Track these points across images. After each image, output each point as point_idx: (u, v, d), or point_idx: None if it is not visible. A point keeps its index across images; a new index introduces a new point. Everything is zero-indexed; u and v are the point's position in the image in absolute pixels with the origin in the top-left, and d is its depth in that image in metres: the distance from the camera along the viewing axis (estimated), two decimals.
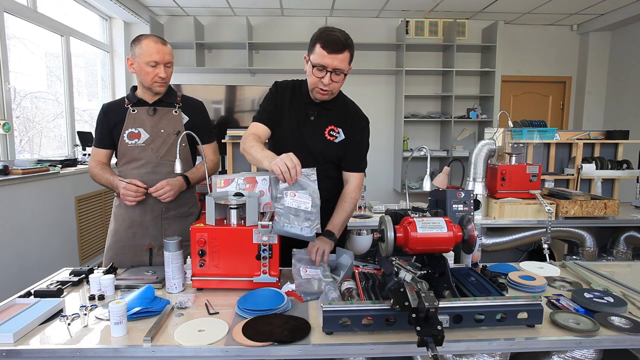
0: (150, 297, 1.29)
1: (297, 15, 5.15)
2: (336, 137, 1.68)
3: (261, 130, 1.67)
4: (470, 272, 1.47)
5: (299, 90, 1.72)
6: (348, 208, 1.67)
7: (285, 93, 1.71)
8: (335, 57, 1.51)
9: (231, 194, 1.52)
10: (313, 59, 1.55)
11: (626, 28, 5.10)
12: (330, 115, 1.69)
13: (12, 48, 3.16)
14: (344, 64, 1.54)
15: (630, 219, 2.70)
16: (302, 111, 1.69)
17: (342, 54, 1.52)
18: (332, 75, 1.54)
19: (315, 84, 1.58)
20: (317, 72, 1.55)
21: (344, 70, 1.55)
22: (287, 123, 1.68)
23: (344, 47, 1.52)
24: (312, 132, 1.67)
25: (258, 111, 1.72)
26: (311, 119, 1.68)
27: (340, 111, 1.71)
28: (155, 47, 1.70)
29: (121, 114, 1.79)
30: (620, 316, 1.22)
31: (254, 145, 1.54)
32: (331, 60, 1.51)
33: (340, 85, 1.62)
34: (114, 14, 4.71)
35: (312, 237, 1.40)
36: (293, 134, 1.67)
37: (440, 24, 5.30)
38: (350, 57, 1.57)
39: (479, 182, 2.70)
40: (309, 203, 1.40)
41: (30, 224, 2.95)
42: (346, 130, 1.69)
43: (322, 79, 1.55)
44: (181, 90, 4.74)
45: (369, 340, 1.11)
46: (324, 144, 1.67)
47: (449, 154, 5.16)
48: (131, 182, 1.68)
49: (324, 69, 1.53)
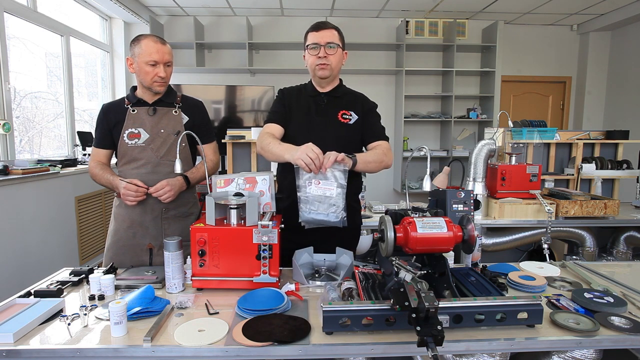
0: (150, 297, 1.29)
1: (297, 15, 5.15)
2: (350, 118, 1.75)
3: (275, 129, 1.73)
4: (470, 272, 1.47)
5: (304, 90, 1.82)
6: (377, 153, 1.69)
7: (292, 94, 1.81)
8: (323, 33, 1.67)
9: (231, 194, 1.52)
10: (307, 42, 1.71)
11: (626, 28, 5.10)
12: (340, 102, 1.77)
13: (12, 48, 3.16)
14: (334, 38, 1.68)
15: (630, 219, 2.70)
16: (311, 102, 1.77)
17: (328, 30, 1.68)
18: (325, 49, 1.67)
19: (314, 62, 1.69)
20: (313, 51, 1.69)
21: (336, 43, 1.68)
22: (298, 116, 1.75)
23: (330, 26, 1.70)
24: (325, 118, 1.74)
25: (268, 115, 1.80)
26: (322, 106, 1.75)
27: (349, 98, 1.80)
28: (155, 47, 1.70)
29: (121, 114, 1.79)
30: (620, 316, 1.22)
31: (271, 142, 1.63)
32: (321, 37, 1.67)
33: (338, 60, 1.71)
34: (114, 14, 4.71)
35: (338, 222, 1.47)
36: (306, 124, 1.73)
37: (440, 24, 5.30)
38: (340, 36, 1.71)
39: (479, 182, 2.70)
40: (333, 189, 1.47)
41: (30, 224, 2.95)
42: (358, 112, 1.76)
43: (318, 54, 1.67)
44: (181, 90, 4.74)
45: (369, 340, 1.11)
46: (339, 127, 1.73)
47: (449, 154, 5.16)
48: (131, 182, 1.68)
49: (317, 45, 1.67)
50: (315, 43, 1.67)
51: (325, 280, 1.49)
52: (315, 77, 1.75)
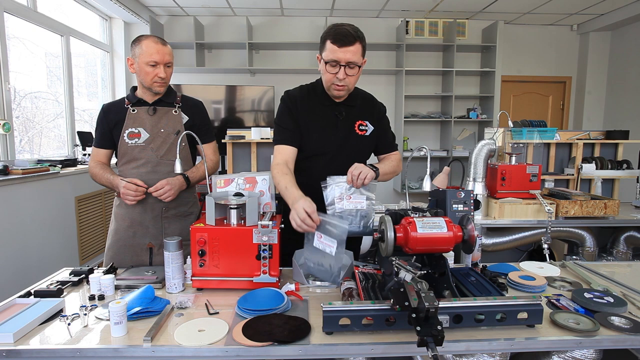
0: (150, 297, 1.29)
1: (297, 15, 5.15)
2: (366, 130, 1.69)
3: (288, 154, 1.62)
4: (470, 272, 1.47)
5: (314, 94, 1.66)
6: (394, 164, 1.71)
7: (302, 103, 1.65)
8: (346, 50, 1.48)
9: (231, 194, 1.52)
10: (325, 55, 1.52)
11: (626, 28, 5.10)
12: (357, 111, 1.69)
13: (12, 48, 3.16)
14: (357, 56, 1.50)
15: (630, 219, 2.69)
16: (328, 114, 1.65)
17: (353, 46, 1.48)
18: (346, 69, 1.51)
19: (331, 80, 1.55)
20: (331, 68, 1.52)
21: (357, 62, 1.51)
22: (315, 131, 1.64)
23: (354, 39, 1.48)
24: (344, 131, 1.66)
25: (277, 132, 1.66)
26: (340, 118, 1.65)
27: (363, 104, 1.72)
28: (155, 48, 1.70)
29: (121, 114, 1.79)
30: (620, 316, 1.22)
31: (280, 183, 1.51)
32: (343, 54, 1.48)
33: (356, 79, 1.58)
34: (114, 14, 4.71)
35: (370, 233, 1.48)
36: (324, 141, 1.64)
37: (440, 24, 5.30)
38: (363, 49, 1.52)
39: (479, 182, 2.70)
40: (363, 202, 1.48)
41: (30, 224, 2.95)
42: (372, 121, 1.71)
43: (337, 75, 1.51)
44: (181, 90, 4.74)
45: (369, 340, 1.11)
46: (357, 140, 1.68)
47: (449, 154, 5.16)
48: (131, 182, 1.68)
49: (337, 64, 1.50)
50: (336, 61, 1.49)
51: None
52: (328, 91, 1.62)
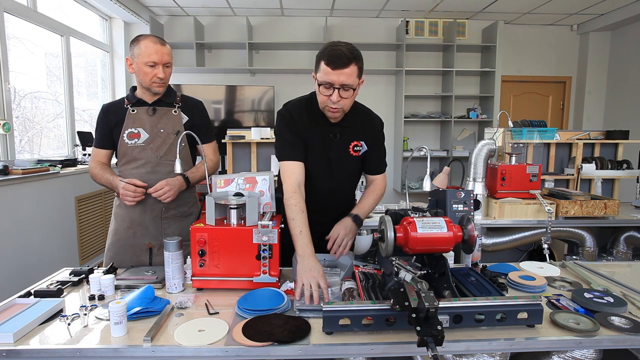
0: (150, 297, 1.29)
1: (297, 15, 5.14)
2: (360, 150, 1.66)
3: (298, 173, 1.57)
4: (470, 272, 1.47)
5: (311, 109, 1.61)
6: (376, 197, 1.73)
7: (302, 118, 1.60)
8: (340, 72, 1.41)
9: (231, 194, 1.52)
10: (319, 77, 1.46)
11: (626, 28, 5.10)
12: (352, 132, 1.64)
13: (12, 48, 3.16)
14: (352, 78, 1.43)
15: (630, 219, 2.69)
16: (324, 134, 1.61)
17: (347, 69, 1.41)
18: (340, 91, 1.44)
19: (325, 102, 1.49)
20: (325, 90, 1.46)
21: (352, 85, 1.44)
22: (312, 150, 1.62)
23: (349, 60, 1.40)
24: (338, 153, 1.64)
25: (282, 147, 1.60)
26: (335, 140, 1.62)
27: (359, 123, 1.65)
28: (154, 48, 1.70)
29: (121, 114, 1.79)
30: (620, 316, 1.22)
31: (295, 220, 1.45)
32: (337, 77, 1.41)
33: (351, 101, 1.53)
34: (114, 14, 4.71)
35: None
36: (320, 161, 1.63)
37: (440, 24, 5.30)
38: (359, 70, 1.45)
39: (479, 182, 2.70)
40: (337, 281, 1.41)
41: (30, 224, 2.95)
42: (367, 141, 1.67)
43: (331, 97, 1.45)
44: (181, 90, 4.74)
45: (369, 340, 1.11)
46: (349, 161, 1.66)
47: (449, 154, 5.16)
48: (130, 182, 1.68)
49: (331, 87, 1.44)
50: (330, 83, 1.43)
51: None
52: (323, 111, 1.57)
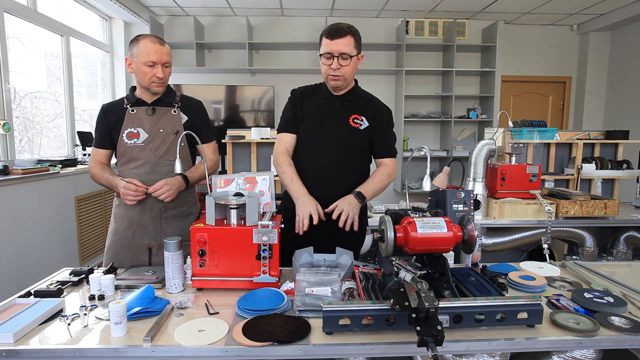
0: (150, 297, 1.29)
1: (297, 15, 5.14)
2: (360, 124, 1.74)
3: (288, 141, 1.76)
4: (470, 272, 1.47)
5: (319, 90, 1.81)
6: (382, 176, 1.74)
7: (305, 95, 1.80)
8: (338, 42, 1.60)
9: (231, 194, 1.52)
10: (321, 50, 1.66)
11: (626, 28, 5.10)
12: (353, 106, 1.76)
13: (12, 48, 3.16)
14: (349, 47, 1.62)
15: (630, 219, 2.70)
16: (324, 104, 1.76)
17: (344, 39, 1.61)
18: (339, 60, 1.62)
19: (327, 72, 1.67)
20: (326, 60, 1.65)
21: (349, 53, 1.62)
22: (310, 117, 1.75)
23: (345, 32, 1.61)
24: (336, 120, 1.74)
25: (281, 121, 1.81)
26: (334, 109, 1.75)
27: (362, 102, 1.78)
28: (153, 48, 1.70)
29: (120, 114, 1.79)
30: (620, 316, 1.22)
31: (286, 173, 1.69)
32: (335, 46, 1.61)
33: (351, 70, 1.68)
34: (114, 14, 4.71)
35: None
36: (317, 125, 1.74)
37: (440, 24, 5.30)
38: (356, 42, 1.64)
39: (479, 182, 2.70)
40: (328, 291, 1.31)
41: (30, 224, 2.95)
42: (370, 118, 1.75)
43: (331, 65, 1.63)
44: (181, 90, 4.74)
45: (369, 340, 1.11)
46: (348, 130, 1.73)
47: (449, 154, 5.16)
48: (130, 182, 1.68)
49: (331, 56, 1.63)
50: (329, 53, 1.62)
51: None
52: (327, 83, 1.74)
